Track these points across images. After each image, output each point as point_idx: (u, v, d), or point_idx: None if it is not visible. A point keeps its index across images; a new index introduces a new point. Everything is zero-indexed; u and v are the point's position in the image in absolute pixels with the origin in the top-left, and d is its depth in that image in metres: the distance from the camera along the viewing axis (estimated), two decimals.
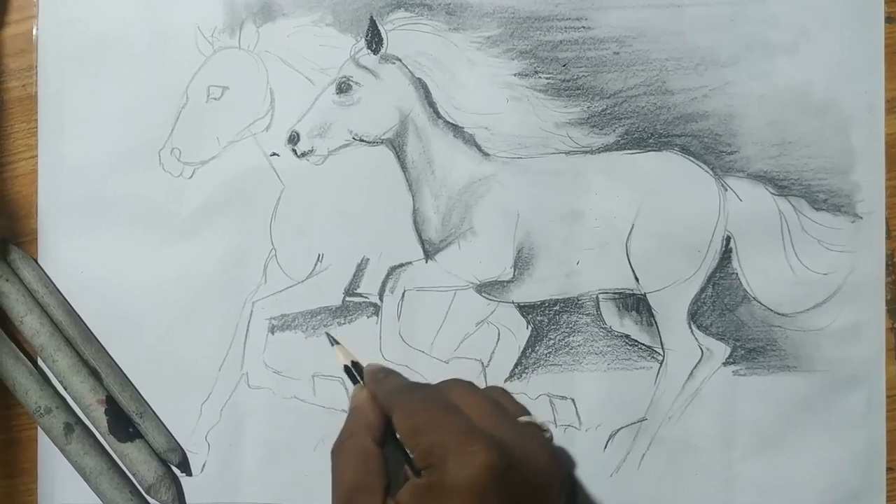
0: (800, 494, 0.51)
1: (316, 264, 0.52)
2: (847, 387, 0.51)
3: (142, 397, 0.51)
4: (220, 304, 0.51)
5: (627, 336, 0.51)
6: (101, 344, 0.52)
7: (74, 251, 0.52)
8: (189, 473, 0.52)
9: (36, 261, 0.52)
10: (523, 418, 0.41)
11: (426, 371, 0.51)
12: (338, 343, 0.48)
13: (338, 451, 0.40)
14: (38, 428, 0.51)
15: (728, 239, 0.51)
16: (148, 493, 0.50)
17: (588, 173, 0.51)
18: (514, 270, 0.52)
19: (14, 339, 0.51)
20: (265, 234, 0.52)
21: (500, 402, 0.41)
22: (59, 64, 0.52)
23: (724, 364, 0.51)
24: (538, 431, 0.40)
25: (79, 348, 0.51)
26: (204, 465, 0.52)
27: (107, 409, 0.50)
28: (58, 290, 0.51)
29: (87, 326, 0.52)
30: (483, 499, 0.34)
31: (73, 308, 0.51)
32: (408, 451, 0.38)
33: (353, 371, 0.45)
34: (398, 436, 0.39)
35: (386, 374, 0.44)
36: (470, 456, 0.34)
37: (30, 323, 0.50)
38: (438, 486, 0.34)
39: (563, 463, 0.37)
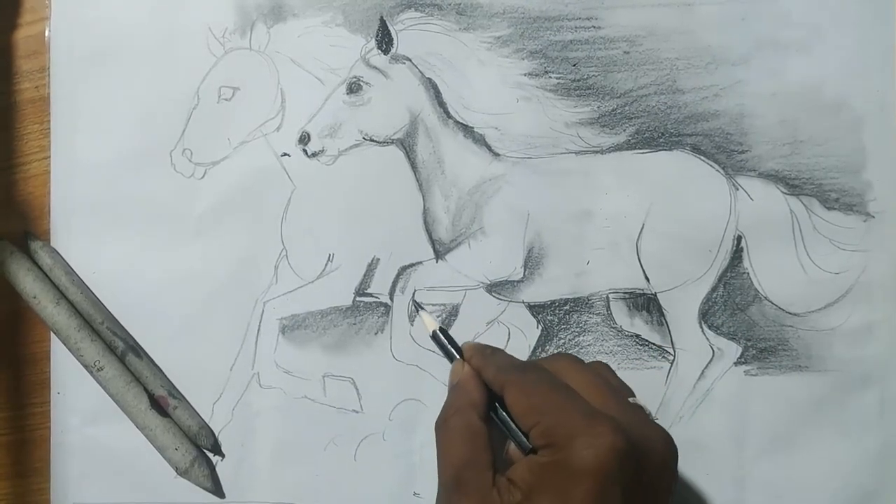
0: (812, 495, 0.51)
1: (326, 264, 0.52)
2: (860, 387, 0.50)
3: (171, 382, 0.52)
4: (231, 304, 0.52)
5: (638, 336, 0.51)
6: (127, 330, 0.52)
7: (86, 252, 0.52)
8: (221, 455, 0.52)
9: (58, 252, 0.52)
10: (632, 399, 0.41)
11: (437, 371, 0.51)
12: (423, 310, 0.46)
13: (443, 428, 0.40)
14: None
15: (739, 238, 0.51)
16: (184, 474, 0.51)
17: (598, 173, 0.51)
18: (525, 270, 0.52)
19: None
20: (276, 234, 0.52)
21: (609, 381, 0.41)
22: (72, 65, 0.52)
23: (736, 364, 0.51)
24: (645, 412, 0.40)
25: (106, 336, 0.51)
26: (215, 465, 0.52)
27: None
28: (81, 279, 0.52)
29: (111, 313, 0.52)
30: (609, 479, 0.35)
31: (95, 295, 0.52)
32: (513, 430, 0.39)
33: (446, 341, 0.44)
34: (510, 414, 0.39)
35: (492, 350, 0.43)
36: (596, 437, 0.35)
37: (56, 311, 0.50)
38: (563, 465, 0.35)
39: (674, 443, 0.38)
